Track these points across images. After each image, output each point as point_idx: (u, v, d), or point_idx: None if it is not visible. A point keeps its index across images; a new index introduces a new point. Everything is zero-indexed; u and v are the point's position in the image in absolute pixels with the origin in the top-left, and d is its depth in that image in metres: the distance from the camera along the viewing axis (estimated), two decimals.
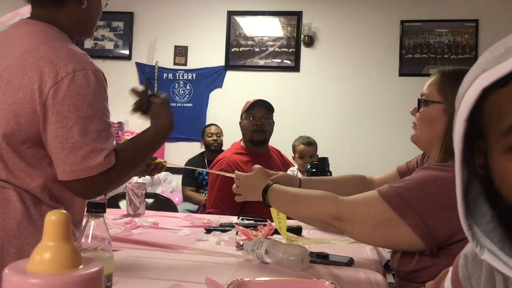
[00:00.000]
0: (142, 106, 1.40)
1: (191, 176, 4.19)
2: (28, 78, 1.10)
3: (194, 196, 4.14)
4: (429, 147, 1.29)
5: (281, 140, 3.41)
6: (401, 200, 1.10)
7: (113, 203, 2.68)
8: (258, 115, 2.63)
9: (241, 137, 2.75)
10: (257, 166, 1.48)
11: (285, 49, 4.70)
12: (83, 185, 1.13)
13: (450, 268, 0.76)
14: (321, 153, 3.12)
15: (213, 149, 4.20)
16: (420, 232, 1.08)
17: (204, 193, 4.12)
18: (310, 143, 3.21)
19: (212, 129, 4.29)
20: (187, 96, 4.84)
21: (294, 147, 3.27)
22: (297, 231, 1.74)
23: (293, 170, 3.04)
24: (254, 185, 1.41)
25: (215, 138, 4.23)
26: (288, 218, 1.47)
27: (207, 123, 4.72)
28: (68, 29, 1.22)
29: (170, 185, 4.40)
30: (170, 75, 4.88)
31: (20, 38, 1.15)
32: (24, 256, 0.96)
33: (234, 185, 1.49)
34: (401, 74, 4.47)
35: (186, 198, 4.18)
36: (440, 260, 1.10)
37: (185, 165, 3.99)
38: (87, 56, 1.18)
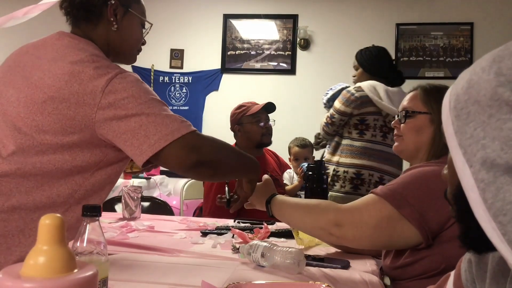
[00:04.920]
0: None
1: None
2: (78, 86, 1.10)
3: None
4: (413, 154, 1.38)
5: (278, 142, 3.39)
6: (396, 194, 1.18)
7: (109, 206, 2.67)
8: (264, 118, 2.64)
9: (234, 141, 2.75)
10: (266, 176, 1.51)
11: (281, 52, 4.71)
12: (181, 144, 1.13)
13: (452, 273, 0.77)
14: (319, 155, 3.12)
15: None
16: (416, 223, 1.15)
17: None
18: (305, 145, 3.19)
19: None
20: (183, 99, 4.83)
21: (289, 149, 3.26)
22: (290, 234, 1.73)
23: (290, 173, 3.04)
24: (259, 195, 1.45)
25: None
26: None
27: (203, 126, 4.71)
28: (102, 48, 1.25)
29: (167, 189, 4.39)
30: (166, 78, 4.87)
31: (63, 50, 1.17)
32: None
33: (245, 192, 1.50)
34: None
35: None
36: (432, 250, 1.17)
37: None
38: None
